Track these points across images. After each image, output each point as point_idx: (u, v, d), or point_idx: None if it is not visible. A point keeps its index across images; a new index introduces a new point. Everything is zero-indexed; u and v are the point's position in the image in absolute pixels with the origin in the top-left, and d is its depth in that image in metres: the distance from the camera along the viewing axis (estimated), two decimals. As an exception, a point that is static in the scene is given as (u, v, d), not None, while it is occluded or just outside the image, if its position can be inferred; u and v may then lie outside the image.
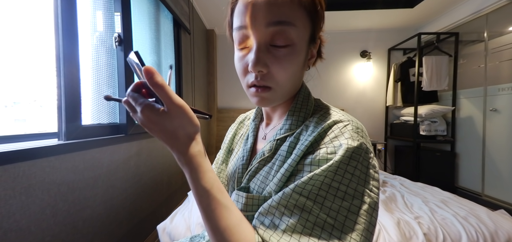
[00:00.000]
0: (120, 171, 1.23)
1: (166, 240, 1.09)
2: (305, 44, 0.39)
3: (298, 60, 0.39)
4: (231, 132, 0.62)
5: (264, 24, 0.36)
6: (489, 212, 1.18)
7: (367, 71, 3.29)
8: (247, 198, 0.39)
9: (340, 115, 0.39)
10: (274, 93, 0.40)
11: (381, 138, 3.36)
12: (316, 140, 0.37)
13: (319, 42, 0.45)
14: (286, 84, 0.40)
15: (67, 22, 0.92)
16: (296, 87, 0.45)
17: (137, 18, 1.47)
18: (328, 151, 0.34)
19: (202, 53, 2.99)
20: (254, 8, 0.36)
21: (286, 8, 0.35)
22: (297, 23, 0.36)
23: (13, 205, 0.71)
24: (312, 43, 0.42)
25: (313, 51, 0.44)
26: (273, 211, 0.34)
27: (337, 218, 0.31)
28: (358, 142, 0.34)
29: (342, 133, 0.35)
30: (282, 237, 0.31)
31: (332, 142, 0.35)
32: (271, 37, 0.36)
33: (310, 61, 0.45)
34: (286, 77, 0.39)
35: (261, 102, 0.41)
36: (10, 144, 0.78)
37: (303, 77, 0.46)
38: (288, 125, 0.43)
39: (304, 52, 0.40)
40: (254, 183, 0.42)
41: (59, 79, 0.91)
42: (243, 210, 0.39)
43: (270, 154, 0.43)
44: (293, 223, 0.31)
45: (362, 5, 2.64)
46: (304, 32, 0.38)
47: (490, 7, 2.25)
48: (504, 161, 2.19)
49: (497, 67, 2.26)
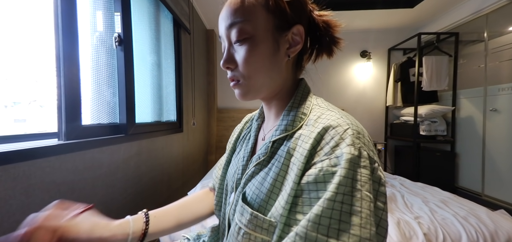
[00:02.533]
0: (120, 171, 1.23)
1: (166, 240, 1.09)
2: (268, 34, 0.41)
3: (260, 50, 0.41)
4: (236, 133, 0.62)
5: (226, 28, 0.43)
6: (489, 212, 1.18)
7: (367, 71, 3.30)
8: (251, 215, 0.38)
9: (338, 116, 0.37)
10: (244, 86, 0.44)
11: (381, 138, 3.37)
12: (314, 147, 0.35)
13: (300, 29, 0.42)
14: (254, 75, 0.42)
15: (67, 22, 0.92)
16: (276, 78, 0.44)
17: (137, 18, 1.47)
18: (331, 163, 0.33)
19: (202, 53, 2.99)
20: (221, 18, 0.44)
21: (239, 8, 0.41)
22: (250, 17, 0.40)
23: (13, 205, 0.71)
24: (282, 32, 0.42)
25: (291, 39, 0.43)
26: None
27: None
28: (359, 150, 0.33)
29: (343, 139, 0.34)
30: None
31: (334, 151, 0.33)
32: (233, 36, 0.42)
33: (290, 50, 0.43)
34: (251, 68, 0.42)
35: (239, 96, 0.45)
36: (10, 144, 0.78)
37: (284, 67, 0.44)
38: (284, 125, 0.42)
39: (268, 41, 0.41)
40: (250, 188, 0.41)
41: (59, 79, 0.91)
42: (247, 226, 0.38)
43: (265, 157, 0.42)
44: None
45: (362, 5, 2.64)
46: (262, 23, 0.41)
47: (490, 7, 2.25)
48: (504, 161, 2.19)
49: (497, 67, 2.26)
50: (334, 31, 0.46)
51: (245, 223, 0.38)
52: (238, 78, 0.44)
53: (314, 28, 0.47)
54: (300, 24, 0.43)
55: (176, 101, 2.14)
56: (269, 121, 0.51)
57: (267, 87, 0.44)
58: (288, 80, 0.46)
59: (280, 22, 0.41)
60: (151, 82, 1.69)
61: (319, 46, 0.49)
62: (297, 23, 0.43)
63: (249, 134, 0.55)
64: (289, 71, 0.46)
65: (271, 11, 0.41)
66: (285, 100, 0.47)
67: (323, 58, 0.51)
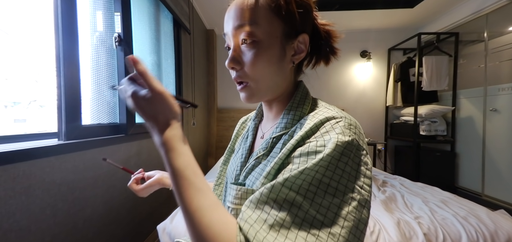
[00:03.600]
0: (120, 171, 1.23)
1: (166, 240, 1.09)
2: (276, 40, 0.41)
3: (268, 55, 0.41)
4: (234, 133, 0.64)
5: (234, 28, 0.42)
6: (489, 212, 1.18)
7: (367, 71, 3.30)
8: (237, 190, 0.40)
9: (334, 112, 0.39)
10: (252, 88, 0.44)
11: (381, 138, 3.36)
12: (308, 134, 0.37)
13: (305, 38, 0.44)
14: (261, 79, 0.43)
15: (67, 22, 0.92)
16: (281, 83, 0.45)
17: (137, 18, 1.47)
18: (318, 144, 0.35)
19: (202, 53, 2.99)
20: (228, 17, 0.43)
21: (250, 10, 0.40)
22: (260, 22, 0.40)
23: (13, 205, 0.71)
24: (289, 39, 0.43)
25: (297, 46, 0.44)
26: (262, 205, 0.33)
27: (327, 214, 0.31)
28: (349, 137, 0.34)
29: (334, 128, 0.36)
30: (269, 233, 0.30)
31: (323, 136, 0.35)
32: (241, 38, 0.41)
33: (295, 57, 0.44)
34: (259, 72, 0.42)
35: (245, 98, 0.46)
36: (10, 144, 0.78)
37: (288, 73, 0.46)
38: (284, 123, 0.44)
39: (276, 48, 0.42)
40: (250, 180, 0.43)
41: (59, 79, 0.91)
42: (232, 202, 0.40)
43: (265, 151, 0.43)
44: (281, 218, 0.31)
45: (362, 5, 2.64)
46: (272, 29, 0.41)
47: (490, 7, 2.25)
48: (504, 161, 2.19)
49: (497, 67, 2.26)
50: (334, 41, 0.48)
51: (232, 199, 0.40)
52: (245, 80, 0.44)
53: (316, 36, 0.48)
54: (306, 32, 0.44)
55: (176, 101, 2.14)
56: (268, 120, 0.52)
57: (272, 91, 0.45)
58: (289, 83, 0.48)
59: (289, 29, 0.42)
60: (151, 82, 1.69)
61: (318, 54, 0.50)
62: (304, 32, 0.44)
63: (247, 132, 0.56)
64: (291, 76, 0.48)
65: (281, 18, 0.41)
66: (285, 102, 0.48)
67: (320, 65, 0.52)
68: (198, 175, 0.35)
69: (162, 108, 0.35)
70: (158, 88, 0.35)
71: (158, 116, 0.35)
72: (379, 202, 1.33)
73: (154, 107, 0.35)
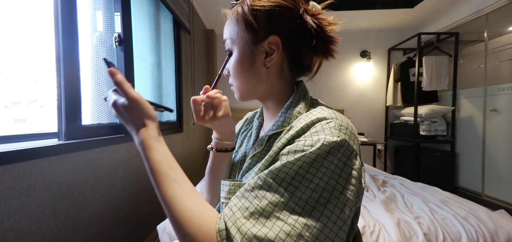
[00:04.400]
0: (120, 171, 1.23)
1: (166, 240, 1.09)
2: (245, 47, 0.46)
3: (238, 62, 0.47)
4: (237, 129, 0.65)
5: (223, 41, 0.51)
6: (489, 212, 1.18)
7: (367, 71, 3.30)
8: (230, 186, 0.42)
9: (326, 113, 0.39)
10: (235, 90, 0.51)
11: (381, 138, 3.36)
12: (299, 133, 0.38)
13: (276, 39, 0.44)
14: (239, 82, 0.49)
15: (67, 22, 0.92)
16: (258, 85, 0.48)
17: (137, 18, 1.47)
18: (306, 144, 0.35)
19: (202, 53, 2.99)
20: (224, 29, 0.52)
21: (227, 27, 0.49)
22: (232, 35, 0.48)
23: (13, 205, 0.71)
24: (256, 44, 0.45)
25: (268, 48, 0.45)
26: (247, 194, 0.35)
27: (305, 207, 0.32)
28: (338, 137, 0.35)
29: (323, 129, 0.36)
30: (249, 221, 0.32)
31: (312, 136, 0.36)
32: None
33: (267, 60, 0.45)
34: (236, 77, 0.49)
35: (236, 98, 0.52)
36: (10, 144, 0.78)
37: (264, 75, 0.47)
38: (281, 122, 0.45)
39: (245, 54, 0.46)
40: (247, 178, 0.44)
41: (59, 79, 0.91)
42: (225, 198, 0.42)
43: (261, 149, 0.45)
44: (262, 207, 0.33)
45: (362, 5, 2.64)
46: (239, 39, 0.47)
47: (490, 7, 2.25)
48: (504, 161, 2.19)
49: (497, 67, 2.26)
50: (327, 30, 0.46)
51: (225, 195, 0.42)
52: (231, 83, 0.52)
53: (304, 31, 0.46)
54: (276, 34, 0.45)
55: (176, 101, 2.14)
56: (267, 119, 0.54)
57: (251, 92, 0.50)
58: (275, 85, 0.49)
59: (253, 36, 0.45)
60: (151, 82, 1.69)
61: (312, 48, 0.47)
62: (272, 34, 0.45)
63: (251, 130, 0.58)
64: (272, 77, 0.48)
65: (243, 28, 0.46)
66: (280, 101, 0.49)
67: (321, 65, 0.51)
68: (174, 168, 0.38)
69: (137, 112, 0.39)
70: (133, 95, 0.38)
71: (135, 119, 0.39)
72: (379, 202, 1.32)
73: (131, 112, 0.39)
